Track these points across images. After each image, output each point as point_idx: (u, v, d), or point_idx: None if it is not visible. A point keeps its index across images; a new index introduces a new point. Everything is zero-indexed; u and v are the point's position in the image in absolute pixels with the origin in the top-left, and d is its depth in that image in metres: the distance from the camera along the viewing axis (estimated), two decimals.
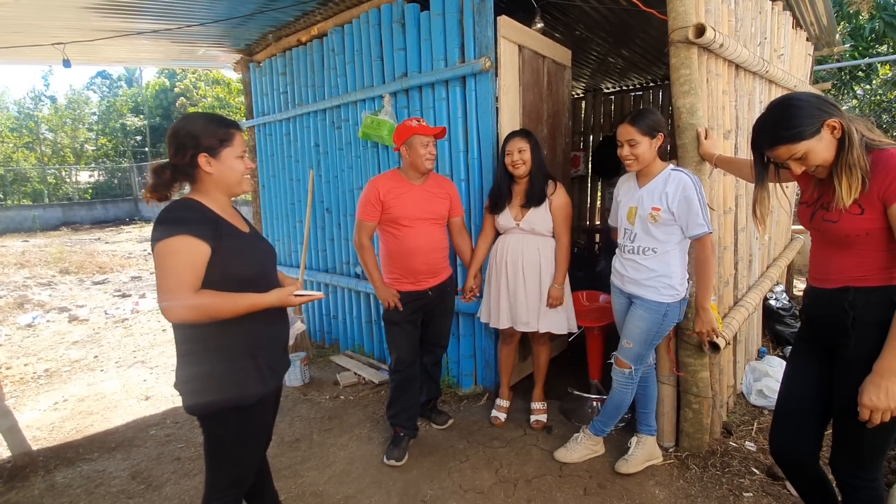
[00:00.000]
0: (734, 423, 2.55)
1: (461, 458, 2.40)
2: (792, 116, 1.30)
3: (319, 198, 3.85)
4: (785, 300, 3.52)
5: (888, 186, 1.22)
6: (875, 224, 1.27)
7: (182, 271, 1.24)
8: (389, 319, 2.42)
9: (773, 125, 1.33)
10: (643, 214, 2.01)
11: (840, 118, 1.28)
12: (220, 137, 1.36)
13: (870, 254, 1.31)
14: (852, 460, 1.42)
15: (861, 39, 7.15)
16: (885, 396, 1.24)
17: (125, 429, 2.93)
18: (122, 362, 4.08)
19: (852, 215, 1.30)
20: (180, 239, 1.25)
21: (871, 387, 1.26)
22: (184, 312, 1.25)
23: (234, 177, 1.40)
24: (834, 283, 1.39)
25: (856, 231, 1.30)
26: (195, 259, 1.26)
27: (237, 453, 1.42)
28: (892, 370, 1.23)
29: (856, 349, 1.34)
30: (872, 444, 1.38)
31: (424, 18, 2.90)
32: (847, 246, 1.35)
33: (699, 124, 2.09)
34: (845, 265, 1.36)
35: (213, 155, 1.35)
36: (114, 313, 5.55)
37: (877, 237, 1.28)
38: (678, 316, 2.08)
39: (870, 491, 1.42)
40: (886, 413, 1.25)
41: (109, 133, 19.44)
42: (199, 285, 1.28)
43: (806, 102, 1.30)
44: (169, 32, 3.72)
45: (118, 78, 25.15)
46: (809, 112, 1.28)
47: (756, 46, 2.81)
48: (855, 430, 1.35)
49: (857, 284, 1.34)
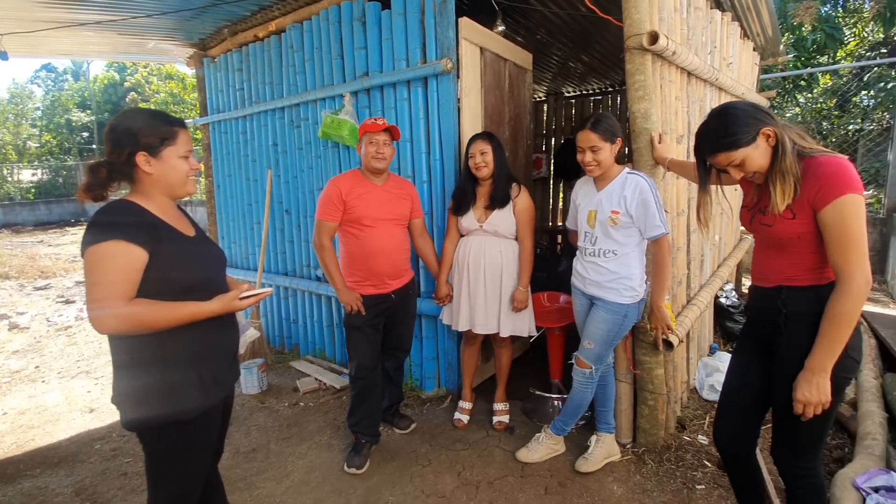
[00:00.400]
0: (688, 417, 2.63)
1: (423, 463, 2.37)
2: (730, 125, 1.35)
3: (278, 199, 3.74)
4: (734, 298, 3.68)
5: (817, 193, 1.28)
6: (806, 228, 1.33)
7: (113, 279, 1.16)
8: (351, 324, 2.36)
9: (713, 133, 1.39)
10: (603, 218, 2.05)
11: (774, 127, 1.33)
12: (161, 135, 1.28)
13: (802, 256, 1.38)
14: (791, 451, 1.49)
15: (803, 50, 7.59)
16: (816, 391, 1.31)
17: (68, 443, 2.75)
18: (65, 373, 3.83)
19: (785, 220, 1.36)
20: (112, 244, 1.16)
21: (803, 382, 1.32)
22: (114, 323, 1.16)
23: (176, 178, 1.31)
24: (770, 283, 1.46)
25: (788, 234, 1.36)
26: (128, 265, 1.18)
27: (179, 470, 1.34)
28: (822, 367, 1.30)
29: (788, 345, 1.40)
30: (809, 436, 1.44)
31: (385, 17, 2.86)
32: (781, 248, 1.41)
33: (653, 129, 2.15)
34: (780, 266, 1.43)
35: (152, 154, 1.27)
36: (57, 321, 5.21)
37: (808, 240, 1.35)
38: (637, 316, 2.13)
39: (810, 479, 1.49)
40: (818, 407, 1.32)
41: (54, 129, 18.30)
42: (133, 294, 1.20)
43: (743, 111, 1.35)
44: (115, 24, 3.52)
45: (64, 71, 23.76)
46: (746, 121, 1.34)
47: (706, 55, 2.92)
48: (792, 423, 1.41)
49: (790, 284, 1.41)
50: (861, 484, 1.86)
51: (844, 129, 7.36)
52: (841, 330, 1.28)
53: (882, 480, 1.86)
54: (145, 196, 1.30)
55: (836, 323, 1.28)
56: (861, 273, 1.25)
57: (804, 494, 1.50)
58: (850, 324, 1.28)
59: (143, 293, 1.21)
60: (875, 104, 7.24)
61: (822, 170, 1.28)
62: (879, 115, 7.16)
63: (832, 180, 1.26)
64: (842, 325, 1.28)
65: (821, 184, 1.28)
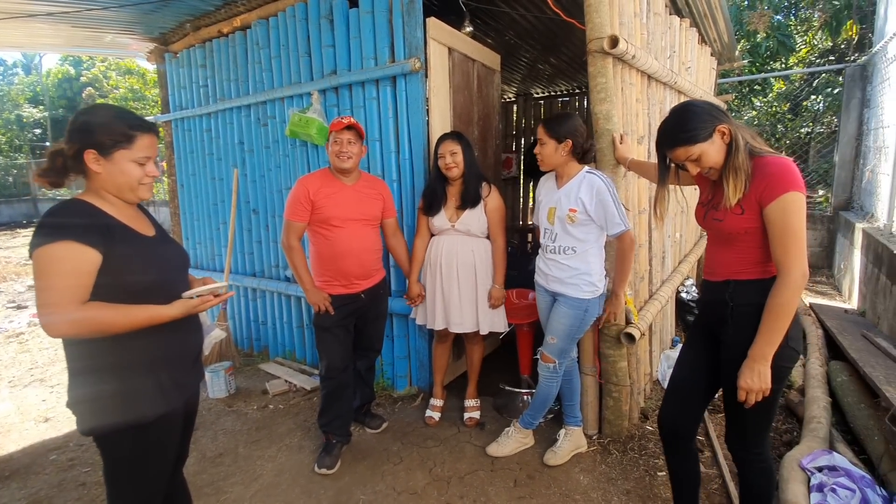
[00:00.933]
0: (650, 408, 2.73)
1: (395, 461, 2.38)
2: (688, 121, 1.43)
3: (245, 198, 3.66)
4: (695, 293, 3.84)
5: (763, 190, 1.37)
6: (752, 224, 1.42)
7: (64, 281, 1.12)
8: (320, 325, 2.33)
9: (673, 128, 1.47)
10: (561, 215, 2.11)
11: (729, 125, 1.42)
12: (116, 137, 1.22)
13: (748, 250, 1.46)
14: (741, 436, 1.58)
15: (758, 56, 7.96)
16: (758, 379, 1.38)
17: (21, 455, 2.63)
18: (17, 381, 3.64)
19: (735, 215, 1.44)
20: (62, 245, 1.13)
21: (746, 371, 1.40)
22: (66, 327, 1.13)
23: (124, 182, 1.25)
24: (718, 277, 1.54)
25: (737, 229, 1.44)
26: (80, 268, 1.14)
27: (138, 476, 1.31)
28: (763, 355, 1.37)
29: (734, 336, 1.49)
30: (755, 423, 1.53)
31: (353, 16, 2.84)
32: (730, 243, 1.50)
33: (615, 130, 2.23)
34: (728, 260, 1.51)
35: (102, 153, 1.22)
36: (7, 327, 4.95)
37: (754, 235, 1.43)
38: (598, 310, 2.20)
39: (759, 463, 1.58)
40: (759, 394, 1.40)
41: (3, 125, 17.28)
42: (86, 297, 1.16)
43: (701, 109, 1.44)
44: (69, 16, 3.37)
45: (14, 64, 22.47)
46: (703, 118, 1.42)
47: (666, 59, 3.03)
48: (739, 410, 1.49)
49: (737, 277, 1.49)
50: (806, 464, 1.99)
51: (797, 132, 7.76)
52: (780, 319, 1.35)
53: (825, 460, 1.99)
54: (97, 195, 1.26)
55: (775, 313, 1.35)
56: (799, 266, 1.33)
57: (755, 477, 1.59)
58: (789, 314, 1.36)
59: (96, 296, 1.17)
60: (824, 108, 7.67)
61: (769, 169, 1.37)
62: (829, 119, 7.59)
63: (777, 179, 1.34)
64: (781, 315, 1.35)
65: (767, 181, 1.36)
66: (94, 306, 1.16)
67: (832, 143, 6.82)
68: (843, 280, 5.10)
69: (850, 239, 4.93)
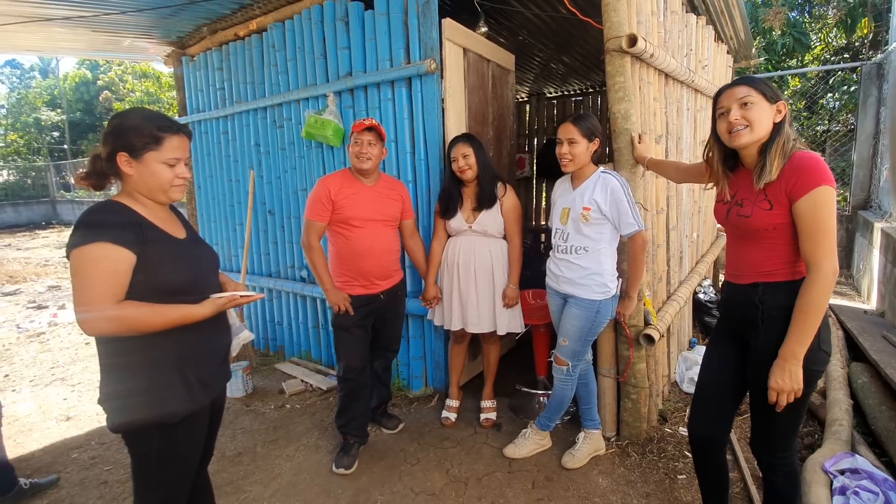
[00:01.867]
0: (669, 410, 2.71)
1: (412, 461, 2.38)
2: (762, 81, 1.44)
3: (261, 199, 3.70)
4: (712, 293, 3.80)
5: (794, 184, 1.35)
6: (781, 219, 1.39)
7: (101, 281, 1.15)
8: (339, 325, 2.34)
9: (751, 78, 1.45)
10: (575, 215, 2.10)
11: (787, 111, 1.43)
12: (145, 139, 1.25)
13: (776, 248, 1.43)
14: (768, 441, 1.55)
15: (774, 53, 7.85)
16: (789, 379, 1.35)
17: (42, 453, 2.67)
18: (38, 381, 3.71)
19: (763, 210, 1.42)
20: (99, 246, 1.15)
21: (777, 370, 1.37)
22: (103, 325, 1.15)
23: (156, 184, 1.28)
24: (745, 279, 1.51)
25: (765, 225, 1.42)
26: (116, 268, 1.17)
27: (165, 473, 1.33)
28: (794, 354, 1.35)
29: (765, 339, 1.46)
30: (783, 427, 1.51)
31: (369, 17, 2.86)
32: (757, 240, 1.46)
33: (633, 129, 2.21)
34: (755, 260, 1.48)
35: (133, 156, 1.25)
36: (28, 327, 5.04)
37: (782, 232, 1.41)
38: (611, 312, 2.17)
39: (785, 468, 1.55)
40: (791, 394, 1.37)
41: (21, 128, 17.63)
42: (122, 296, 1.18)
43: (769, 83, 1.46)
44: (87, 21, 3.43)
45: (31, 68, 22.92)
46: (774, 89, 1.43)
47: (683, 57, 3.00)
48: (768, 415, 1.47)
49: (766, 280, 1.46)
50: (829, 467, 1.96)
51: (813, 130, 7.64)
52: (811, 317, 1.33)
53: (847, 463, 1.95)
54: (132, 196, 1.29)
55: (805, 310, 1.33)
56: (829, 262, 1.31)
57: (781, 482, 1.56)
58: (820, 311, 1.33)
59: (130, 296, 1.20)
60: (840, 106, 7.54)
61: (800, 163, 1.36)
62: (844, 117, 7.46)
63: (809, 173, 1.33)
64: (811, 313, 1.33)
65: (797, 175, 1.34)
66: (130, 305, 1.18)
67: (849, 142, 6.70)
68: (861, 280, 5.01)
69: (868, 239, 4.84)
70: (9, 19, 3.34)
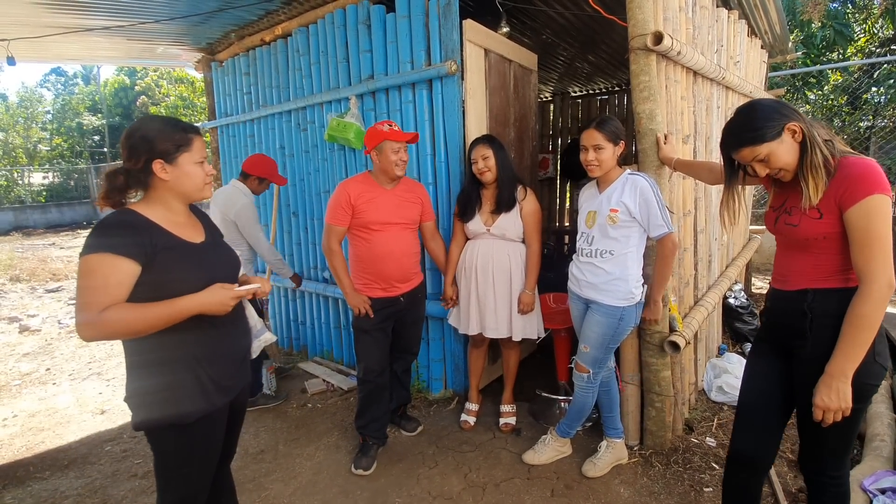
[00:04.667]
0: (695, 419, 2.62)
1: (430, 465, 2.38)
2: (754, 119, 1.34)
3: (285, 201, 3.77)
4: (743, 298, 3.65)
5: (844, 192, 1.27)
6: (832, 229, 1.31)
7: (94, 291, 1.17)
8: (360, 327, 2.36)
9: (738, 128, 1.38)
10: (602, 218, 2.05)
11: (800, 123, 1.31)
12: (176, 142, 1.29)
13: (827, 257, 1.35)
14: (817, 459, 1.46)
15: (813, 47, 7.50)
16: (836, 397, 1.27)
17: (79, 445, 2.79)
18: (76, 375, 3.88)
19: (811, 219, 1.33)
20: (99, 256, 1.18)
21: (823, 387, 1.29)
22: (88, 331, 1.17)
23: (191, 184, 1.33)
24: (793, 286, 1.43)
25: (814, 234, 1.34)
26: (111, 279, 1.18)
27: (184, 471, 1.37)
28: (842, 371, 1.27)
29: (812, 349, 1.37)
30: (836, 443, 1.41)
31: (390, 20, 2.87)
32: (806, 249, 1.39)
33: (658, 130, 2.14)
34: (804, 268, 1.40)
35: (168, 161, 1.29)
36: (68, 323, 5.28)
37: (833, 241, 1.33)
38: (634, 319, 2.11)
39: (835, 487, 1.45)
40: (838, 413, 1.28)
41: (65, 132, 18.52)
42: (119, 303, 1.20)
43: (768, 107, 1.35)
44: (124, 30, 3.57)
45: (74, 75, 24.05)
46: (770, 116, 1.32)
47: (713, 54, 2.90)
48: (817, 430, 1.37)
49: (816, 286, 1.37)
50: (868, 486, 1.85)
51: (856, 126, 7.27)
52: (861, 333, 1.25)
53: (890, 482, 1.84)
54: (158, 202, 1.32)
55: (856, 325, 1.25)
56: (884, 275, 1.23)
57: (829, 501, 1.47)
58: (873, 327, 1.25)
59: (139, 301, 1.22)
60: (886, 101, 7.15)
61: (851, 170, 1.27)
62: (891, 112, 7.07)
63: (860, 180, 1.25)
64: (863, 328, 1.25)
65: (848, 183, 1.26)
66: (112, 308, 1.18)
67: None
68: None
69: None
70: (54, 30, 3.51)
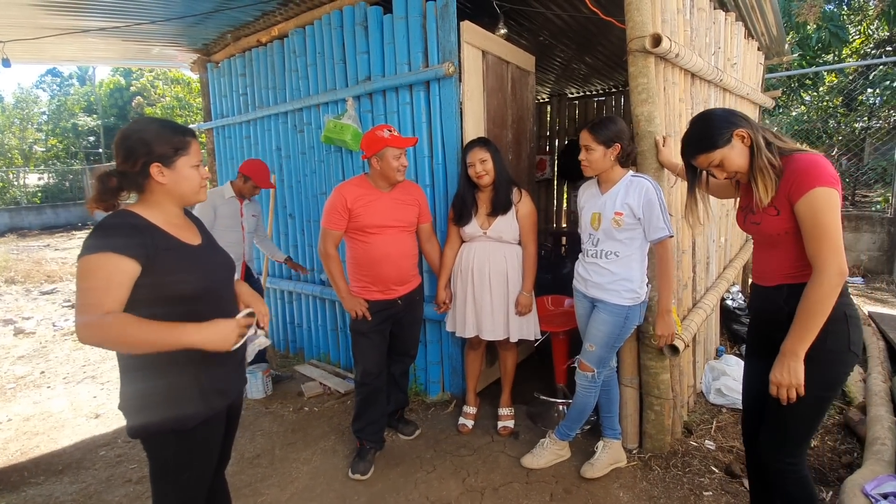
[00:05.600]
0: (694, 422, 2.61)
1: (428, 469, 2.36)
2: (706, 129, 1.48)
3: (282, 203, 3.74)
4: (741, 300, 3.65)
5: (791, 186, 1.35)
6: (790, 224, 1.39)
7: (96, 292, 1.15)
8: (357, 330, 2.35)
9: (693, 137, 1.51)
10: (606, 219, 2.04)
11: (747, 128, 1.43)
12: (174, 146, 1.28)
13: (792, 251, 1.43)
14: (777, 443, 1.51)
15: (808, 49, 7.53)
16: (787, 373, 1.37)
17: (73, 450, 2.76)
18: (70, 378, 3.85)
19: (771, 217, 1.42)
20: (100, 256, 1.16)
21: (777, 365, 1.39)
22: (85, 333, 1.14)
23: (189, 187, 1.32)
24: (770, 281, 1.51)
25: (776, 231, 1.43)
26: (112, 279, 1.16)
27: (182, 477, 1.34)
28: (794, 351, 1.36)
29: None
30: (796, 429, 1.47)
31: (387, 22, 2.85)
32: (774, 245, 1.47)
33: (657, 132, 2.13)
34: (776, 263, 1.48)
35: (166, 164, 1.27)
36: (63, 325, 5.24)
37: (794, 236, 1.40)
38: (639, 319, 2.11)
39: (794, 474, 1.51)
40: (791, 389, 1.38)
41: (60, 133, 18.42)
42: (117, 306, 1.17)
43: (717, 116, 1.48)
44: (119, 31, 3.54)
45: (70, 76, 23.99)
46: (719, 124, 1.45)
47: (710, 56, 2.90)
48: (780, 414, 1.45)
49: (790, 282, 1.45)
50: (870, 490, 1.84)
51: (851, 127, 7.30)
52: (813, 318, 1.33)
53: (891, 487, 1.83)
54: (153, 205, 1.30)
55: (808, 310, 1.33)
56: (834, 264, 1.30)
57: (793, 489, 1.51)
58: (822, 312, 1.32)
59: (137, 303, 1.20)
60: (881, 102, 7.18)
61: (796, 165, 1.36)
62: (886, 113, 7.10)
63: (804, 175, 1.33)
64: (814, 313, 1.32)
65: (794, 178, 1.35)
66: (117, 315, 1.15)
67: (891, 140, 6.38)
68: None
69: None
70: (50, 32, 3.48)
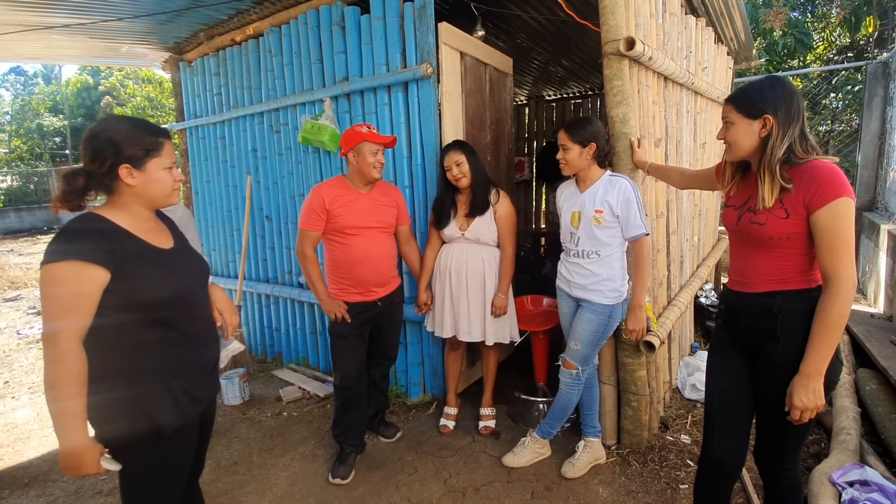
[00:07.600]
0: (670, 417, 2.67)
1: (409, 471, 2.35)
2: (753, 91, 1.38)
3: (258, 205, 3.68)
4: (714, 297, 3.75)
5: (813, 195, 1.29)
6: (797, 229, 1.34)
7: (60, 302, 1.11)
8: (336, 333, 2.31)
9: (745, 88, 1.41)
10: (587, 218, 2.07)
11: (776, 122, 1.33)
12: (145, 147, 1.23)
13: (790, 257, 1.38)
14: (777, 454, 1.50)
15: (775, 54, 7.81)
16: (812, 396, 1.30)
17: (40, 462, 2.65)
18: (36, 388, 3.70)
19: (778, 219, 1.35)
20: (66, 265, 1.11)
21: (800, 388, 1.31)
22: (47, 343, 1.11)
23: (160, 190, 1.27)
24: (756, 288, 1.43)
25: (779, 234, 1.36)
26: (81, 288, 1.12)
27: (153, 488, 1.30)
28: (818, 371, 1.30)
29: (784, 352, 1.38)
30: (795, 440, 1.47)
31: (365, 22, 2.84)
32: (768, 249, 1.40)
33: (631, 133, 2.18)
34: (768, 269, 1.41)
35: (136, 166, 1.22)
36: (28, 333, 5.04)
37: (798, 241, 1.35)
38: (621, 316, 2.15)
39: (790, 479, 1.52)
40: (814, 411, 1.32)
41: (24, 134, 17.68)
42: (87, 315, 1.14)
43: (775, 89, 1.35)
44: (86, 28, 3.43)
45: (34, 74, 23.09)
46: (766, 97, 1.35)
47: (682, 60, 2.97)
48: (779, 427, 1.42)
49: (782, 288, 1.39)
50: (837, 479, 1.91)
51: (815, 131, 7.58)
52: (834, 331, 1.29)
53: (856, 475, 1.91)
54: (122, 208, 1.26)
55: (829, 324, 1.28)
56: (850, 275, 1.27)
57: (784, 493, 1.53)
58: (842, 325, 1.29)
59: (107, 310, 1.16)
60: (843, 106, 7.48)
61: (819, 173, 1.30)
62: (848, 117, 7.41)
63: (829, 184, 1.28)
64: (835, 327, 1.28)
65: (816, 186, 1.29)
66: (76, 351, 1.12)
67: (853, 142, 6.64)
68: (868, 283, 4.95)
69: (874, 241, 4.79)
70: (10, 28, 3.34)
